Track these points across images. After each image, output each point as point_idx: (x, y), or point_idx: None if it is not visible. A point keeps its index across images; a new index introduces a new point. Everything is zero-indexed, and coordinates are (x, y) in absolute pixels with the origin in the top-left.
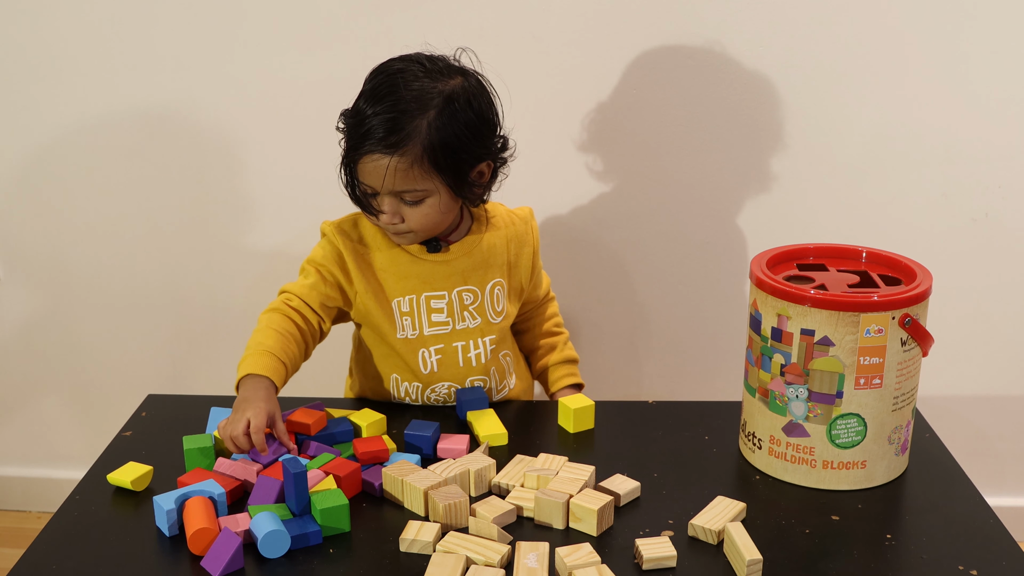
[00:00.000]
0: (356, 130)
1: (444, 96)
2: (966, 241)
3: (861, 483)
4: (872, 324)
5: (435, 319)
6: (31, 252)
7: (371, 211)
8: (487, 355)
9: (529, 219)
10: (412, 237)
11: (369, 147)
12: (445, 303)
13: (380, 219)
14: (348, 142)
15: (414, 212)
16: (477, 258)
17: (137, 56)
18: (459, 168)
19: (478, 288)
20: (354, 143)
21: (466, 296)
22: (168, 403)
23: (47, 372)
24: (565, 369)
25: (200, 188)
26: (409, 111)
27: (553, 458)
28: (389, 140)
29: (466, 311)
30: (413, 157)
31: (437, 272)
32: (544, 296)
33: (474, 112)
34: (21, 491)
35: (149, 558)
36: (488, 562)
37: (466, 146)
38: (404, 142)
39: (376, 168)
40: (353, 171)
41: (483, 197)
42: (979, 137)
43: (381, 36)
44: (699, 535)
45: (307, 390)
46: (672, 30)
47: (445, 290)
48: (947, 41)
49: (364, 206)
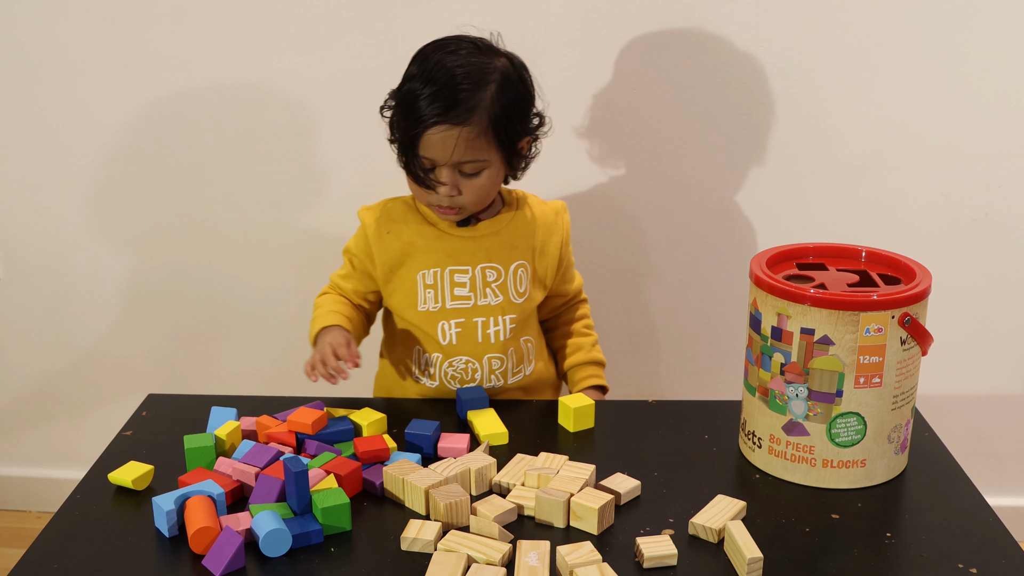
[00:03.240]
0: (419, 104)
1: (500, 71)
2: (966, 241)
3: (861, 482)
4: (872, 323)
5: (457, 293)
6: (31, 252)
7: (428, 185)
8: (506, 333)
9: (561, 212)
10: (461, 213)
11: (437, 119)
12: (468, 278)
13: (438, 191)
14: (410, 116)
15: (471, 184)
16: (504, 238)
17: (137, 56)
18: (513, 140)
19: (502, 267)
20: (419, 116)
21: (489, 273)
22: (168, 403)
23: (47, 372)
24: (591, 370)
25: (200, 188)
26: (473, 84)
27: (554, 457)
28: (459, 110)
29: (488, 288)
30: (480, 128)
31: (463, 247)
32: (576, 295)
33: (524, 87)
34: (21, 491)
35: (150, 557)
36: (489, 561)
37: (519, 119)
38: (472, 112)
39: (443, 139)
40: (414, 146)
41: (523, 171)
42: (979, 137)
43: (381, 35)
44: (700, 534)
45: (307, 390)
46: (672, 30)
47: (469, 265)
48: (947, 41)
49: (421, 181)
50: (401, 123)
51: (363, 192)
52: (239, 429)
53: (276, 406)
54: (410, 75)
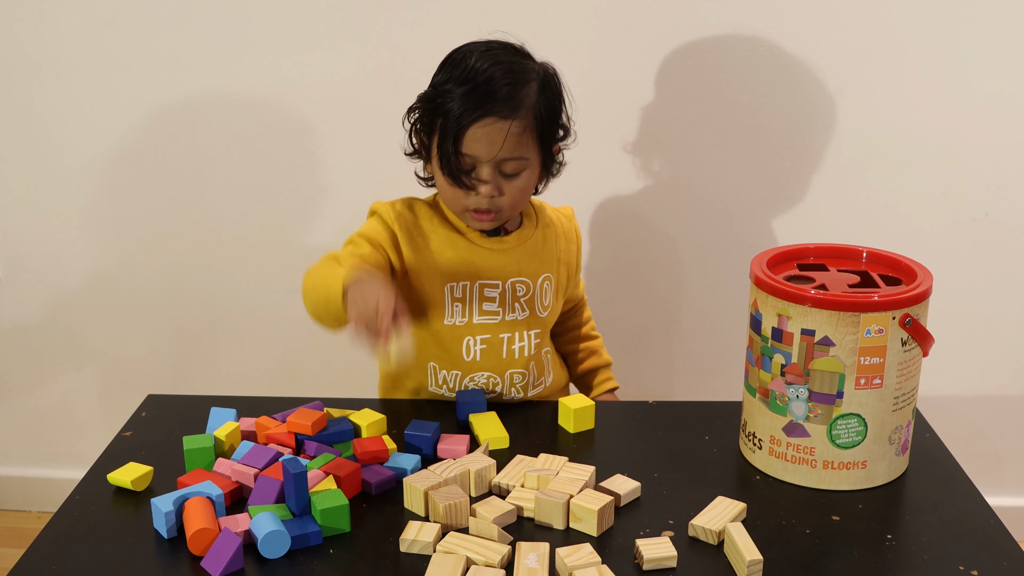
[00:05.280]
0: (464, 99)
1: (537, 72)
2: (966, 241)
3: (861, 483)
4: (872, 324)
5: (486, 308)
6: (31, 252)
7: (468, 186)
8: (531, 349)
9: (572, 217)
10: (496, 219)
11: (484, 113)
12: (498, 292)
13: (480, 191)
14: (453, 113)
15: (510, 185)
16: (531, 249)
17: (137, 57)
18: (549, 143)
19: (531, 280)
20: (465, 110)
21: (519, 287)
22: (168, 403)
23: (47, 372)
24: (605, 374)
25: (200, 188)
26: (516, 80)
27: (553, 458)
28: (507, 104)
29: (517, 302)
30: (526, 123)
31: (494, 260)
32: (581, 297)
33: (559, 91)
34: (21, 491)
35: (149, 558)
36: (488, 562)
37: (557, 121)
38: (518, 108)
39: (490, 133)
40: (457, 143)
41: (554, 178)
42: (979, 137)
43: (381, 37)
44: (699, 535)
45: (308, 390)
46: (671, 30)
47: (500, 279)
48: (947, 41)
49: (461, 182)
50: (440, 122)
51: (362, 194)
52: (238, 430)
53: (275, 407)
54: (446, 75)
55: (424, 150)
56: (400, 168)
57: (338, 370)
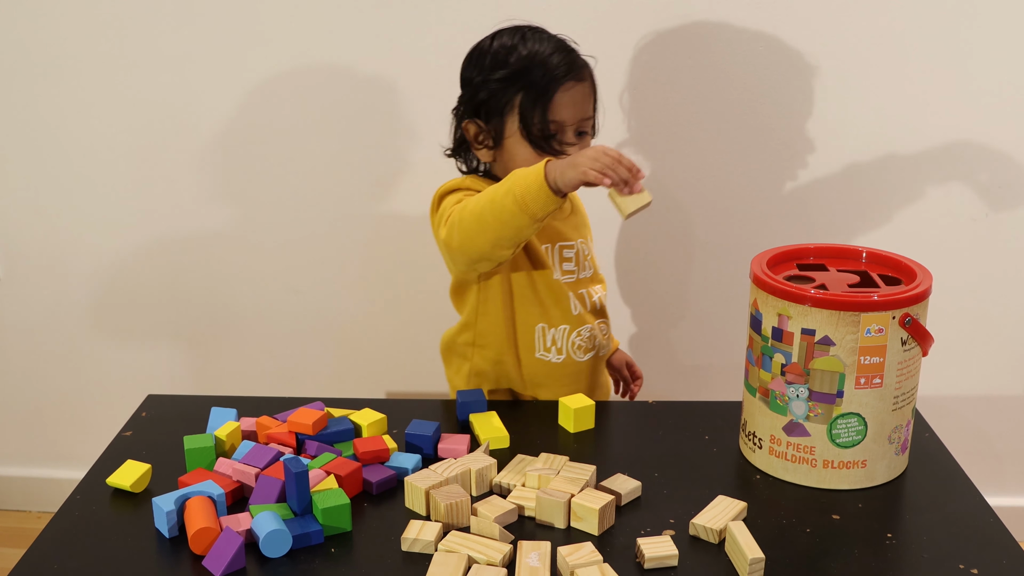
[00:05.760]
0: (548, 65)
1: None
2: (966, 240)
3: (861, 482)
4: (872, 324)
5: (566, 268)
6: (31, 252)
7: (555, 151)
8: (601, 303)
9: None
10: None
11: (572, 76)
12: (574, 252)
13: (569, 153)
14: (539, 80)
15: (584, 145)
16: (577, 213)
17: (138, 56)
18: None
19: (586, 241)
20: (553, 76)
21: (583, 248)
22: (168, 403)
23: (47, 372)
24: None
25: (200, 188)
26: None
27: (554, 458)
28: (583, 68)
29: (585, 261)
30: (592, 84)
31: (561, 224)
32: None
33: None
34: (21, 491)
35: (150, 558)
36: (490, 561)
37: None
38: (588, 69)
39: (575, 95)
40: (545, 109)
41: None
42: (979, 137)
43: (380, 35)
44: (700, 534)
45: (308, 390)
46: (672, 30)
47: (573, 240)
48: (948, 41)
49: (550, 148)
50: (520, 98)
51: (362, 192)
52: (239, 430)
53: (276, 407)
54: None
55: (491, 136)
56: (400, 168)
57: (338, 370)
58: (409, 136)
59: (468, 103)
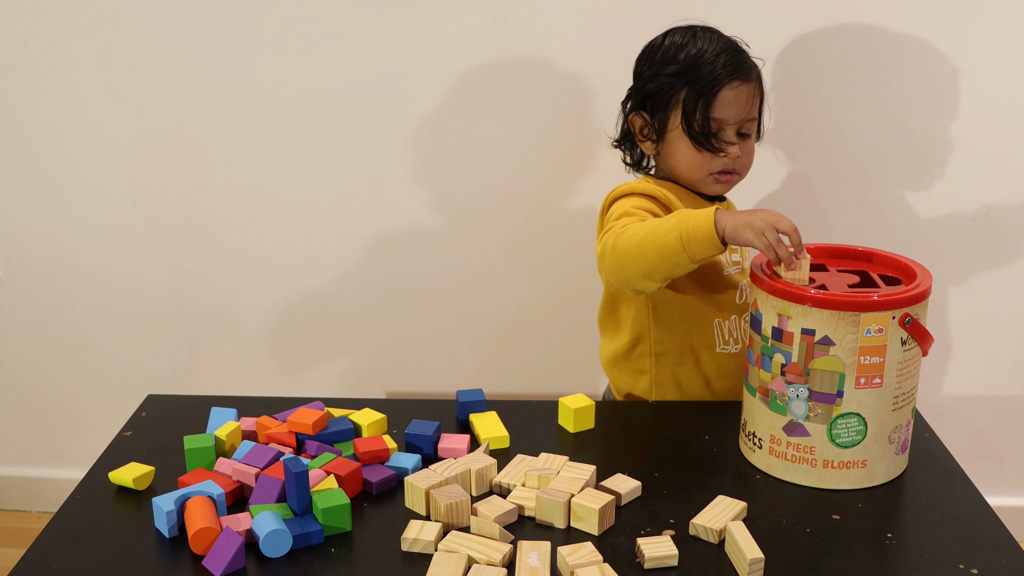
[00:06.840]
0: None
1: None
2: (966, 241)
3: (861, 482)
4: (872, 324)
5: (734, 259)
6: (31, 252)
7: (716, 149)
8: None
9: None
10: (738, 178)
11: (735, 75)
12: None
13: (729, 152)
14: (702, 79)
15: (746, 147)
16: (729, 203)
17: (137, 56)
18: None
19: None
20: (716, 75)
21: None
22: (168, 403)
23: (47, 372)
24: None
25: (200, 188)
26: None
27: (554, 457)
28: (750, 68)
29: (746, 249)
30: (758, 86)
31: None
32: None
33: None
34: (21, 491)
35: (150, 558)
36: (490, 561)
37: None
38: (755, 71)
39: (739, 94)
40: (707, 107)
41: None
42: (979, 137)
43: (380, 37)
44: (700, 534)
45: (308, 390)
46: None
47: None
48: (948, 41)
49: (711, 145)
50: (685, 93)
51: (362, 192)
52: (239, 429)
53: (276, 407)
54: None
55: (655, 130)
56: (400, 168)
57: (338, 370)
58: (409, 136)
59: (635, 96)
